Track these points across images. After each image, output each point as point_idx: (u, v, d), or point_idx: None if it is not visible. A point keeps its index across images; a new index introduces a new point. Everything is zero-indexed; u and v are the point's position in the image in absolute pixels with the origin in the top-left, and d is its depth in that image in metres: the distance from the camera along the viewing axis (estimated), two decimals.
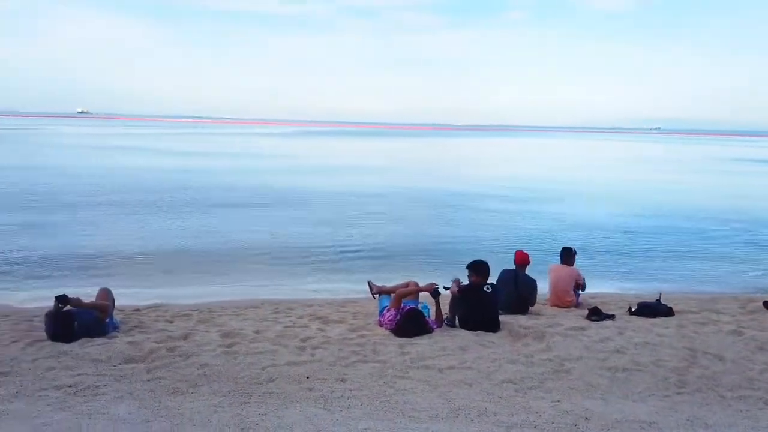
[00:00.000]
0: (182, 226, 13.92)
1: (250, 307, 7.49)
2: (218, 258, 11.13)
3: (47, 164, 28.88)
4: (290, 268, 10.38)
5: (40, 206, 16.18)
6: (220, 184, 22.42)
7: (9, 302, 8.01)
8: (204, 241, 12.44)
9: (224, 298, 8.45)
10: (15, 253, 10.76)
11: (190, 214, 15.57)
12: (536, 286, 7.22)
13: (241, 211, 16.39)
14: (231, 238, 12.84)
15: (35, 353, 5.00)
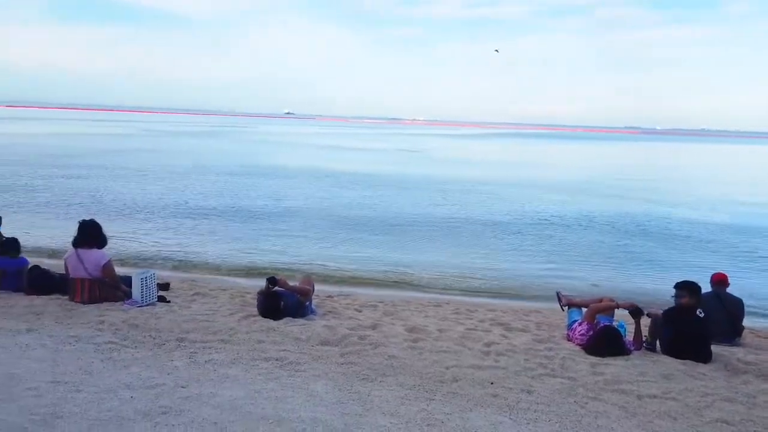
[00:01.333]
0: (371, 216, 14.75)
1: (431, 305, 7.63)
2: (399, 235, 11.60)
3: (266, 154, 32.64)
4: (470, 272, 10.37)
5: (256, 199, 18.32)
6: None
7: (227, 278, 9.19)
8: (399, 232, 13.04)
9: (407, 293, 8.76)
10: (229, 233, 12.33)
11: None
12: (743, 304, 6.33)
13: (418, 206, 16.84)
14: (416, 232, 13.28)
15: (249, 326, 5.64)
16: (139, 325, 5.50)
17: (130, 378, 4.19)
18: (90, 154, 31.24)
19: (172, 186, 19.69)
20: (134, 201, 16.19)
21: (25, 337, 4.98)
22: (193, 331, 5.41)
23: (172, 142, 46.85)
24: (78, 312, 5.86)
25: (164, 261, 10.10)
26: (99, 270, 6.26)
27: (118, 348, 4.84)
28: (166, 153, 34.45)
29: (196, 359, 4.69)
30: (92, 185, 18.99)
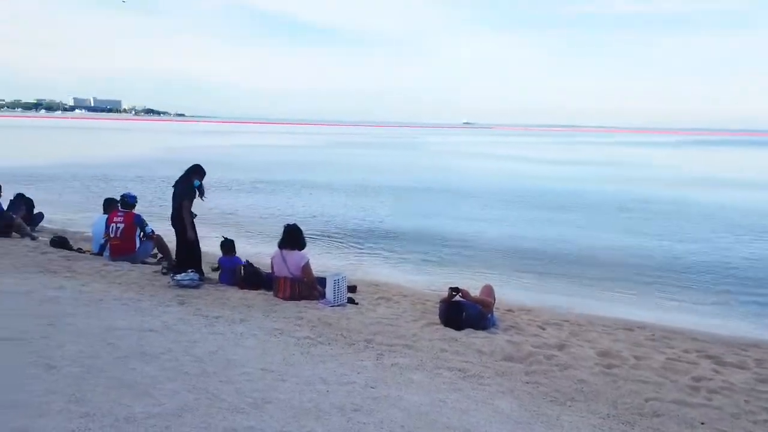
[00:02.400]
0: (561, 231, 14.10)
1: (621, 328, 7.03)
2: (587, 267, 10.87)
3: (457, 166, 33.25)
4: (670, 293, 9.34)
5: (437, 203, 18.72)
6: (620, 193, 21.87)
7: (408, 284, 9.47)
8: (578, 248, 12.33)
9: (591, 311, 8.19)
10: (413, 239, 12.69)
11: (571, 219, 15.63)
12: None
13: (627, 221, 15.64)
14: (609, 247, 12.38)
15: (431, 334, 5.73)
16: (332, 323, 5.91)
17: (326, 373, 4.50)
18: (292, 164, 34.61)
19: (352, 198, 20.94)
20: (321, 210, 17.53)
21: (239, 326, 5.64)
22: (380, 334, 5.65)
23: (350, 153, 49.88)
24: (281, 307, 6.48)
25: (352, 264, 10.74)
26: (299, 270, 6.87)
27: (315, 343, 5.24)
28: (343, 165, 36.77)
29: (382, 361, 4.88)
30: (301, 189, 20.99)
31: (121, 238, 8.52)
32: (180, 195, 7.49)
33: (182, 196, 7.46)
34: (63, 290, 6.52)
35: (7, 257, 8.07)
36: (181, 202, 7.45)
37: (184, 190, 7.49)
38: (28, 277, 7.00)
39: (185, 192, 7.48)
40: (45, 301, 6.02)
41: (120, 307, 6.04)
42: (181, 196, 7.48)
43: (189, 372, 4.29)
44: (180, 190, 7.52)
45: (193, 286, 7.08)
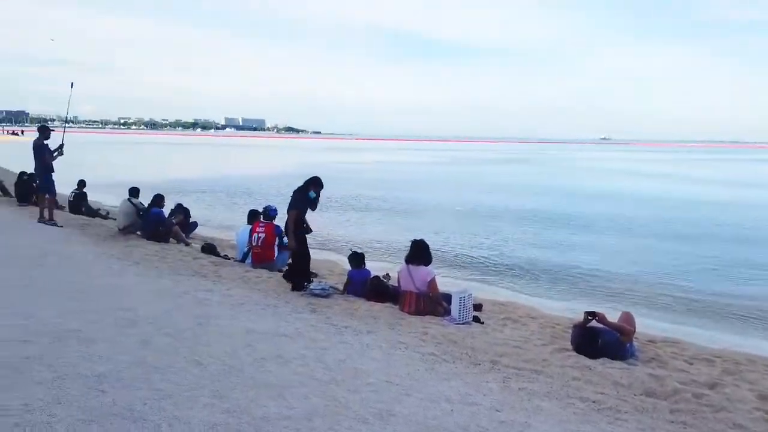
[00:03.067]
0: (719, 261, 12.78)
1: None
2: (746, 299, 9.72)
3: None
4: None
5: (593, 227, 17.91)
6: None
7: (536, 306, 9.10)
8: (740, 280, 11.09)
9: (751, 349, 7.28)
10: (549, 262, 12.21)
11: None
12: None
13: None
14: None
15: (562, 360, 5.43)
16: (457, 341, 5.83)
17: (450, 391, 4.44)
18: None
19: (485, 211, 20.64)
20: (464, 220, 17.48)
21: (366, 337, 5.77)
22: (506, 356, 5.47)
23: (483, 169, 49.26)
24: (406, 321, 6.54)
25: (476, 282, 10.56)
26: (425, 285, 6.89)
27: (439, 360, 5.21)
28: (484, 183, 36.36)
29: (509, 385, 4.71)
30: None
31: (262, 247, 9.15)
32: (291, 204, 7.62)
33: (293, 206, 7.58)
34: (211, 293, 7.12)
35: (165, 261, 9.01)
36: (290, 211, 7.56)
37: (298, 200, 7.61)
38: (182, 280, 7.75)
39: (298, 202, 7.59)
40: (196, 302, 6.61)
41: (259, 311, 6.46)
42: (292, 205, 7.60)
43: (319, 378, 4.46)
44: (293, 199, 7.65)
45: (324, 295, 7.38)
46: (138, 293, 6.79)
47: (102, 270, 8.00)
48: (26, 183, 14.23)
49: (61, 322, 5.26)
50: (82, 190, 14.49)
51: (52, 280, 7.01)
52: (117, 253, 9.33)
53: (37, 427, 3.18)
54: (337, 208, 20.32)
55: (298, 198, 7.64)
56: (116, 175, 27.70)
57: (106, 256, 9.04)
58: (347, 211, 19.93)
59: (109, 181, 23.69)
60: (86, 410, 3.45)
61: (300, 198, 7.64)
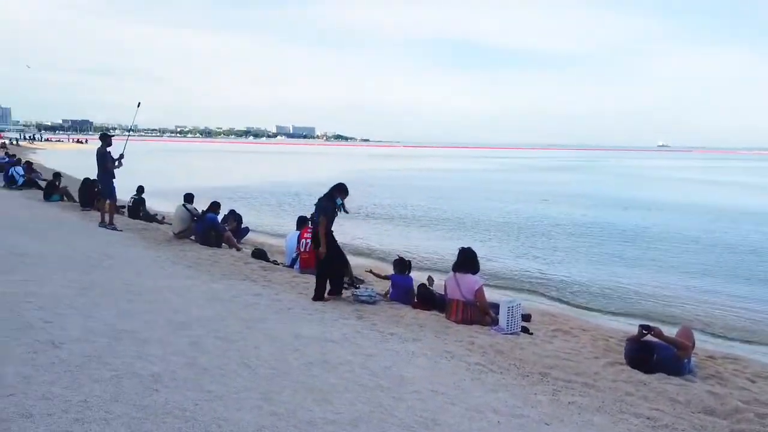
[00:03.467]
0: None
1: None
2: None
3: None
4: None
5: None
6: None
7: (587, 318, 8.86)
8: None
9: None
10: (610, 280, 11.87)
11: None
12: None
13: None
14: None
15: (615, 375, 5.25)
16: (505, 352, 5.73)
17: (497, 402, 4.36)
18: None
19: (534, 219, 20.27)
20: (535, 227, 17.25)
21: (411, 345, 5.74)
22: (556, 368, 5.33)
23: (535, 176, 48.41)
24: (452, 330, 6.47)
25: (525, 292, 10.37)
26: (472, 294, 6.81)
27: (486, 371, 5.13)
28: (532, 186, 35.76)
29: (559, 398, 4.59)
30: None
31: (309, 253, 9.24)
32: (319, 212, 7.52)
33: (322, 213, 7.49)
34: (260, 297, 7.26)
35: (217, 265, 9.25)
36: (320, 218, 7.47)
37: (326, 207, 7.52)
38: (233, 284, 7.94)
39: (326, 209, 7.51)
40: (245, 306, 6.75)
41: (306, 316, 6.54)
42: (320, 213, 7.51)
43: (365, 384, 4.46)
44: (321, 207, 7.55)
45: (371, 302, 7.40)
46: (190, 296, 7.00)
47: (157, 273, 8.28)
48: (89, 188, 14.92)
49: (118, 322, 5.47)
50: (141, 196, 15.08)
51: (111, 281, 7.31)
52: (171, 256, 9.64)
53: (95, 423, 3.31)
54: (381, 215, 20.39)
55: (326, 205, 7.55)
56: (172, 182, 28.70)
57: (161, 259, 9.37)
58: (392, 218, 19.97)
59: (165, 187, 24.57)
60: (141, 408, 3.57)
61: (327, 205, 7.55)
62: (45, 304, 5.80)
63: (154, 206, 17.48)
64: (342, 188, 7.68)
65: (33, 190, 18.58)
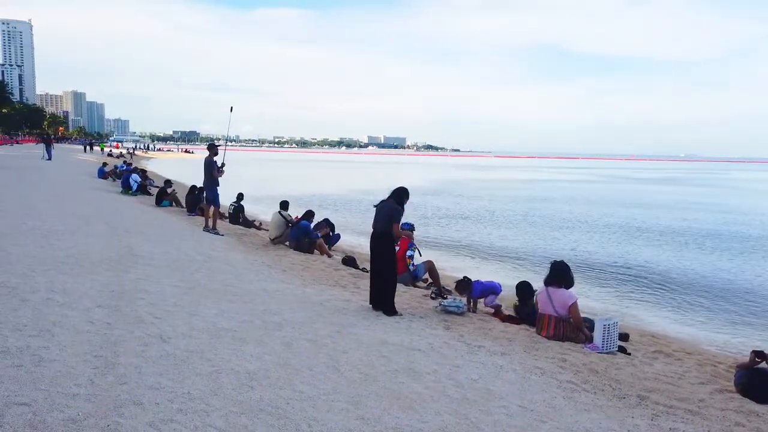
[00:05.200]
0: None
1: None
2: None
3: None
4: None
5: None
6: None
7: (691, 340, 8.25)
8: None
9: None
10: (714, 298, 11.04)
11: None
12: None
13: None
14: None
15: (723, 403, 4.86)
16: (599, 371, 5.47)
17: (590, 423, 4.17)
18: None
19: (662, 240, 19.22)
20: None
21: (500, 359, 5.62)
22: (656, 392, 5.02)
23: (642, 189, 45.85)
24: (543, 346, 6.27)
25: (621, 308, 9.84)
26: (565, 309, 6.57)
27: (579, 390, 4.92)
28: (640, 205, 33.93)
29: (659, 423, 4.31)
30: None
31: (400, 262, 9.34)
32: (391, 217, 7.15)
33: (391, 217, 7.15)
34: (349, 303, 7.42)
35: (309, 270, 9.56)
36: (390, 222, 7.14)
37: (391, 210, 7.18)
38: (324, 290, 8.17)
39: (396, 214, 7.16)
40: (335, 310, 6.93)
41: (393, 324, 6.59)
42: (391, 217, 7.15)
43: (451, 395, 4.43)
44: (387, 211, 7.21)
45: (458, 312, 7.34)
46: (284, 299, 7.28)
47: (254, 276, 8.70)
48: (195, 195, 15.96)
49: (218, 321, 5.81)
50: (240, 203, 15.92)
51: (213, 282, 7.76)
52: (268, 261, 10.09)
53: (197, 414, 3.53)
54: (465, 222, 20.15)
55: (394, 209, 7.17)
56: (269, 189, 30.03)
57: (258, 263, 9.83)
58: (480, 222, 19.68)
59: (262, 195, 25.76)
60: (237, 403, 3.77)
61: (394, 208, 7.18)
62: (155, 300, 6.27)
63: (253, 213, 18.38)
64: (404, 192, 7.31)
65: (146, 196, 20.16)
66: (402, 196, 7.27)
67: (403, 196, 7.28)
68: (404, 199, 7.28)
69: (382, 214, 7.23)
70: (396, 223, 7.15)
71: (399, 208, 7.18)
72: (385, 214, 7.20)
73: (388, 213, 7.18)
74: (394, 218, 7.13)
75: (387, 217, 7.16)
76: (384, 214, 7.20)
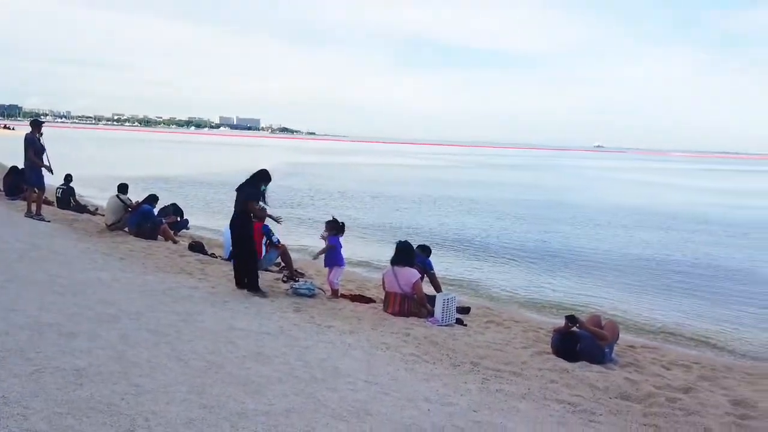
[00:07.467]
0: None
1: (766, 377, 6.26)
2: (734, 304, 9.89)
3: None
4: None
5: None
6: None
7: (521, 310, 9.17)
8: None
9: (731, 356, 7.40)
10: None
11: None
12: None
13: None
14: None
15: (541, 363, 5.49)
16: (439, 342, 5.88)
17: (429, 392, 4.48)
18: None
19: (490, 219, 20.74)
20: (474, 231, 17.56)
21: (348, 337, 5.80)
22: (487, 358, 5.52)
23: (498, 174, 49.44)
24: (389, 322, 6.58)
25: (465, 286, 10.61)
26: (410, 286, 6.94)
27: (420, 361, 5.25)
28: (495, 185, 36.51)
29: (488, 386, 4.76)
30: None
31: None
32: (247, 196, 7.34)
33: (248, 197, 7.33)
34: (196, 290, 7.14)
35: (151, 258, 9.00)
36: (247, 201, 7.32)
37: (251, 193, 7.36)
38: (167, 277, 7.75)
39: (252, 195, 7.35)
40: (180, 299, 6.62)
41: (243, 309, 6.48)
42: (247, 197, 7.34)
43: (299, 376, 4.49)
44: (246, 193, 7.37)
45: (309, 295, 7.41)
46: (121, 289, 6.79)
47: (87, 265, 7.98)
48: (16, 177, 14.14)
49: (42, 315, 5.26)
50: (69, 185, 14.43)
51: (36, 273, 7.00)
52: (103, 248, 9.31)
53: (13, 419, 3.20)
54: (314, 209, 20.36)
55: (251, 192, 7.36)
56: (106, 171, 27.55)
57: (91, 251, 9.03)
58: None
59: (98, 177, 23.56)
60: (63, 403, 3.47)
61: (252, 191, 7.36)
62: None
63: (89, 197, 16.76)
64: (265, 175, 7.51)
65: None
66: (261, 178, 7.47)
67: (263, 178, 7.48)
68: (263, 181, 7.47)
69: (241, 195, 7.40)
70: (251, 202, 7.32)
71: (255, 190, 7.37)
72: (242, 195, 7.37)
73: (245, 194, 7.37)
74: (250, 198, 7.32)
75: (244, 197, 7.34)
76: (242, 195, 7.38)
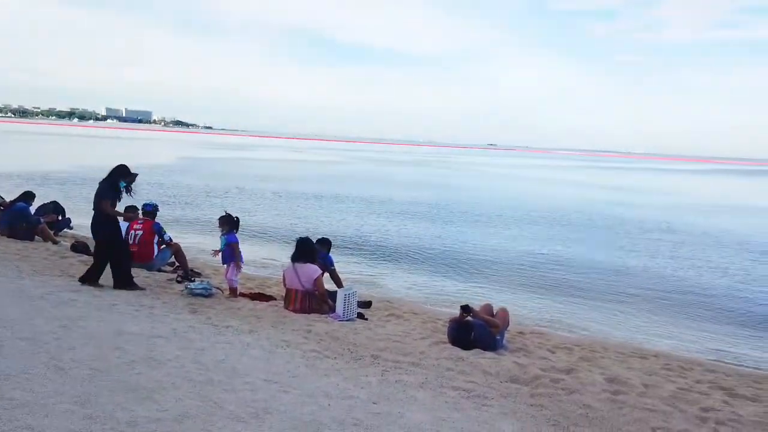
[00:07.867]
0: (595, 257, 14.03)
1: (636, 356, 6.94)
2: (608, 292, 10.80)
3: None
4: (696, 323, 9.21)
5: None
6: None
7: (421, 302, 9.44)
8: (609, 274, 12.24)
9: (607, 337, 8.09)
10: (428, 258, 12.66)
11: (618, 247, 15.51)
12: None
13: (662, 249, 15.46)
14: (633, 272, 12.23)
15: (438, 353, 5.70)
16: (340, 338, 5.92)
17: (329, 387, 4.50)
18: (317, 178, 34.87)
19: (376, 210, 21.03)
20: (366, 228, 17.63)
21: (247, 337, 5.68)
22: (386, 350, 5.64)
23: (392, 170, 50.09)
24: (290, 319, 6.52)
25: (368, 282, 10.72)
26: (311, 283, 6.91)
27: (321, 357, 5.26)
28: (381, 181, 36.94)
29: (387, 378, 4.87)
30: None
31: (139, 245, 8.67)
32: (102, 195, 7.16)
33: (104, 197, 7.14)
34: (79, 294, 6.65)
35: (28, 260, 8.27)
36: (100, 201, 7.13)
37: (104, 190, 7.17)
38: (46, 281, 7.17)
39: (107, 192, 7.16)
40: (60, 303, 6.14)
41: (132, 312, 6.13)
42: (99, 196, 7.16)
43: (194, 379, 4.33)
44: (102, 189, 7.19)
45: (206, 295, 7.16)
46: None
47: None
48: None
49: None
50: None
51: None
52: None
53: None
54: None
55: (107, 188, 7.17)
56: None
57: None
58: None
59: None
60: None
61: (106, 188, 7.17)
62: None
63: None
64: (123, 170, 7.34)
65: None
66: (120, 174, 7.29)
67: (121, 174, 7.30)
68: (121, 177, 7.28)
69: (97, 194, 7.25)
70: (104, 201, 7.15)
71: (110, 188, 7.20)
72: (99, 193, 7.23)
73: (97, 192, 7.25)
74: (102, 196, 7.17)
75: (96, 196, 7.23)
76: (98, 194, 7.23)
